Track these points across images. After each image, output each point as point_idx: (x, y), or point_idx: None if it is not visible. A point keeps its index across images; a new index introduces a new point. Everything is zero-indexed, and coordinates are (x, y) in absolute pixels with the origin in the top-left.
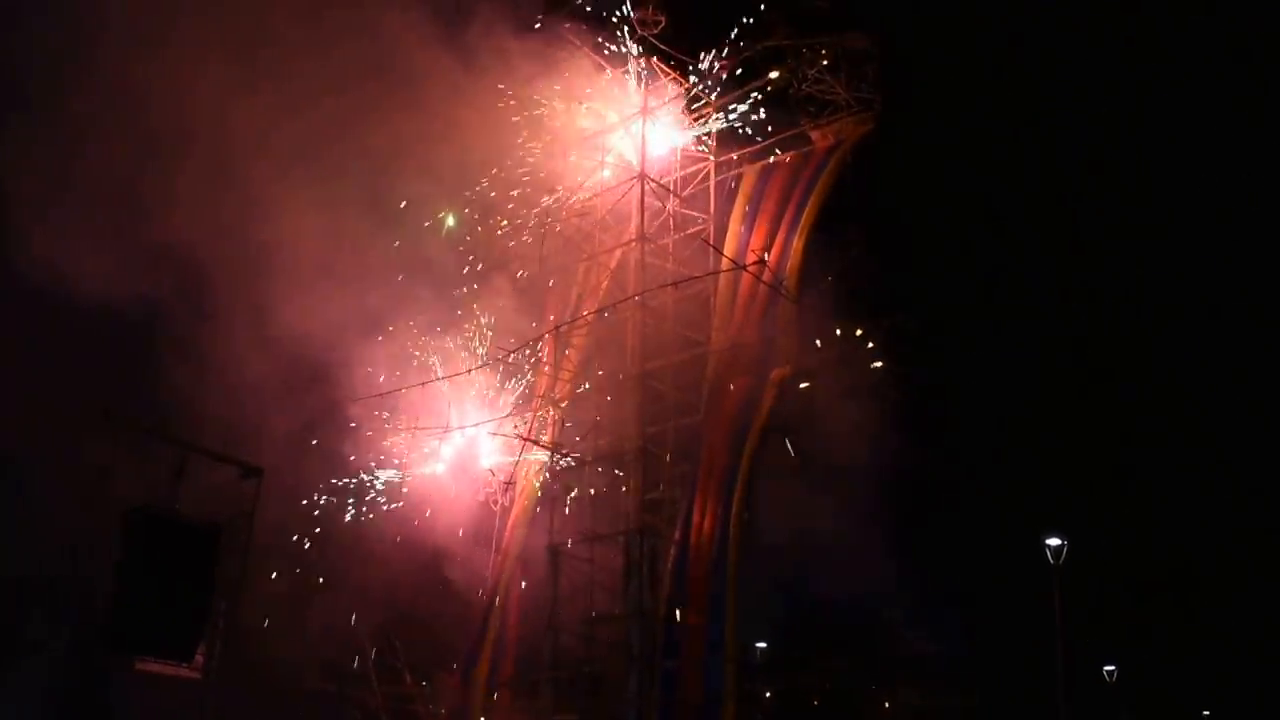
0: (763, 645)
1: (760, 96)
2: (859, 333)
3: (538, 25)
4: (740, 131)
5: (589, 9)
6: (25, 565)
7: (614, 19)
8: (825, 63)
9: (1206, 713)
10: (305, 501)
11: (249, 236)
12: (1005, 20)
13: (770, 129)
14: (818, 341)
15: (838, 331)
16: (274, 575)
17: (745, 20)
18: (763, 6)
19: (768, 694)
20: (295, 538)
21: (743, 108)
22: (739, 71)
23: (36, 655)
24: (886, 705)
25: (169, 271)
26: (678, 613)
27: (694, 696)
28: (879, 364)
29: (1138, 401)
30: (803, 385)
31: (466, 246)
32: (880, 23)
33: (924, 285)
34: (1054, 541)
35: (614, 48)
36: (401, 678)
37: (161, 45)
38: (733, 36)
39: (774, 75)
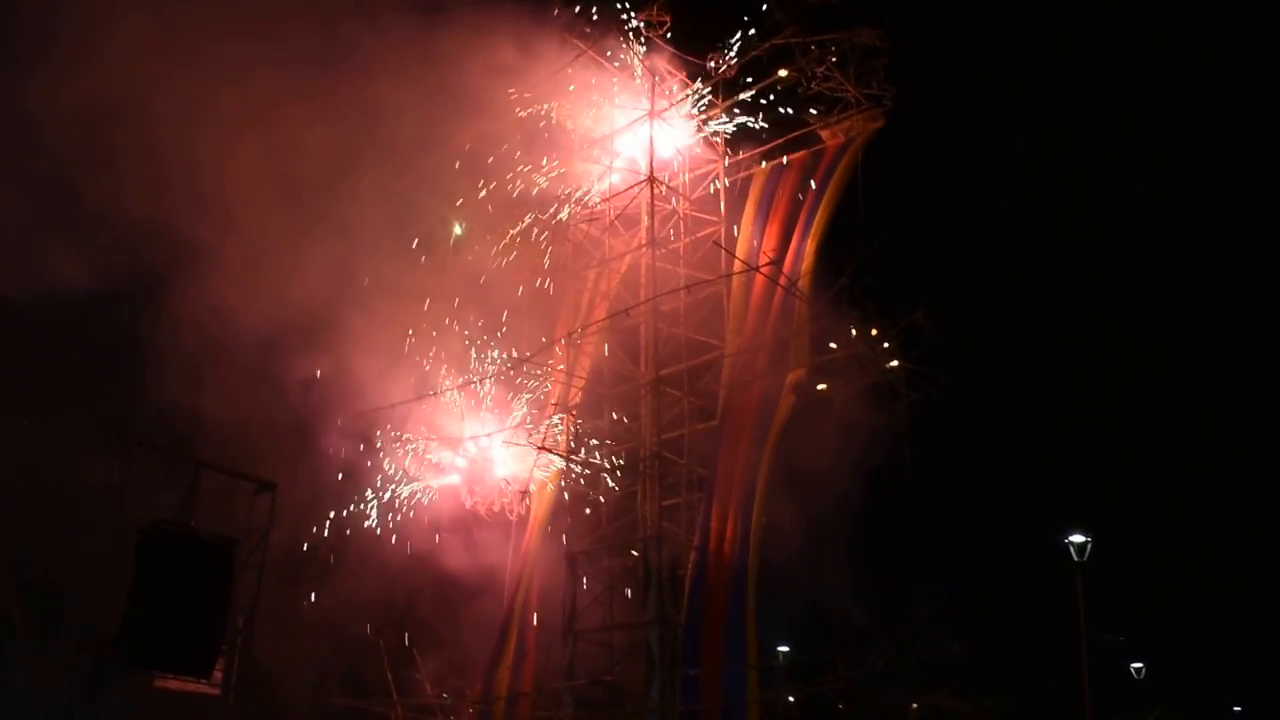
0: (785, 649)
1: (769, 96)
2: (874, 332)
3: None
4: (749, 132)
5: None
6: (39, 584)
7: (619, 20)
8: (834, 60)
9: (1238, 708)
10: (321, 516)
11: (256, 249)
12: (1016, 11)
13: (780, 128)
14: (833, 343)
15: (853, 332)
16: (290, 590)
17: (752, 19)
18: (769, 5)
19: (791, 699)
20: (310, 549)
21: (752, 108)
22: (747, 71)
23: (50, 673)
24: (915, 707)
25: (179, 292)
26: (698, 619)
27: (716, 703)
28: (895, 363)
29: (1163, 394)
30: (820, 387)
31: (475, 254)
32: (889, 17)
33: (940, 282)
34: (1077, 538)
35: (620, 49)
36: (421, 689)
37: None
38: (740, 35)
39: (782, 74)
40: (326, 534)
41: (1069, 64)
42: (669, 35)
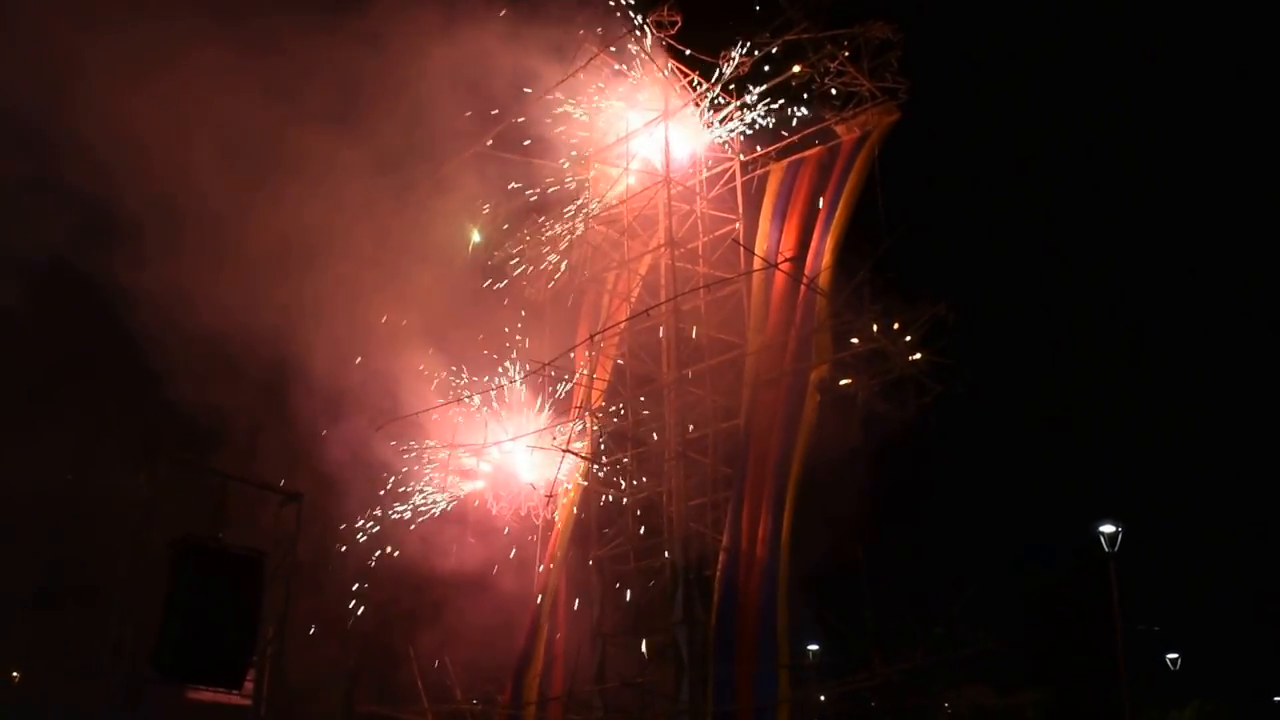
0: (814, 648)
1: (783, 92)
2: (896, 326)
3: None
4: (764, 129)
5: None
6: (70, 598)
7: (630, 21)
8: (846, 54)
9: (1278, 698)
10: (347, 526)
11: (275, 255)
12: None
13: (795, 125)
14: (854, 338)
15: (874, 327)
16: (318, 599)
17: (763, 16)
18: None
19: (822, 698)
20: (341, 552)
21: (765, 105)
22: (760, 68)
23: (84, 687)
24: (947, 706)
25: (204, 304)
26: (729, 619)
27: (748, 704)
28: (918, 356)
29: (1190, 382)
30: (843, 382)
31: (495, 260)
32: (901, 9)
33: (962, 274)
34: (1108, 528)
35: (632, 50)
36: (452, 695)
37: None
38: (752, 33)
39: (796, 70)
40: (354, 545)
41: (1100, 49)
42: (681, 35)
